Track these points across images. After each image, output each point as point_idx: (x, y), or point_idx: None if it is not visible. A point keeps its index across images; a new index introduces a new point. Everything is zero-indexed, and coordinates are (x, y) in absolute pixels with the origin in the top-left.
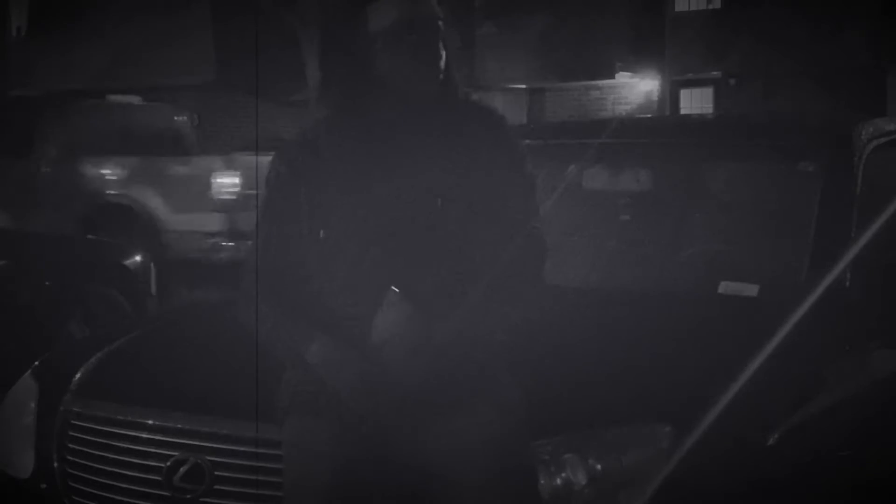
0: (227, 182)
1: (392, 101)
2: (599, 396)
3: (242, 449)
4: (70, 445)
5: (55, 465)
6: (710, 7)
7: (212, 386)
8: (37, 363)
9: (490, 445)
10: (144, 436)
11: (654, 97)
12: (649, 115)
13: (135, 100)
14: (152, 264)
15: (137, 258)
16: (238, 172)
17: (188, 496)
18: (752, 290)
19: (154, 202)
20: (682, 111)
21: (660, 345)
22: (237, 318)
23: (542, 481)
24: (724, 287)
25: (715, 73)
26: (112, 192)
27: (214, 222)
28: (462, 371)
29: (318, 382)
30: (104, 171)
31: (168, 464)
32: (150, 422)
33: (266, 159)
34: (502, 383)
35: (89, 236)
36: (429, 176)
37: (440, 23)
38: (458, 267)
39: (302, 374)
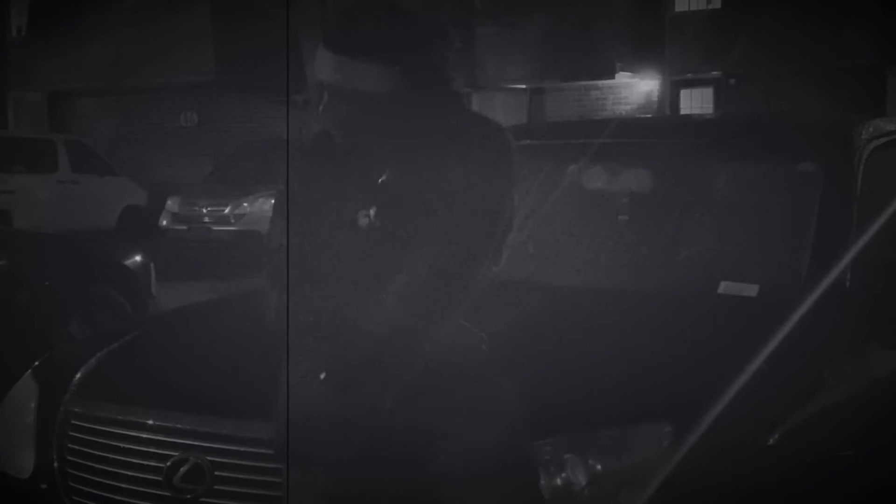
0: None
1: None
2: (599, 396)
3: (242, 449)
4: (70, 445)
5: (55, 465)
6: (710, 7)
7: (211, 386)
8: (37, 363)
9: (488, 445)
10: (144, 436)
11: (654, 97)
12: (649, 115)
13: None
14: (152, 264)
15: (137, 258)
16: None
17: (188, 496)
18: (752, 290)
19: None
20: (682, 111)
21: (659, 345)
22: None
23: (543, 481)
24: (725, 287)
25: (715, 73)
26: None
27: None
28: (456, 371)
29: (315, 378)
30: None
31: (168, 464)
32: (150, 422)
33: None
34: (498, 383)
35: (90, 236)
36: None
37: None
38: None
39: (298, 374)
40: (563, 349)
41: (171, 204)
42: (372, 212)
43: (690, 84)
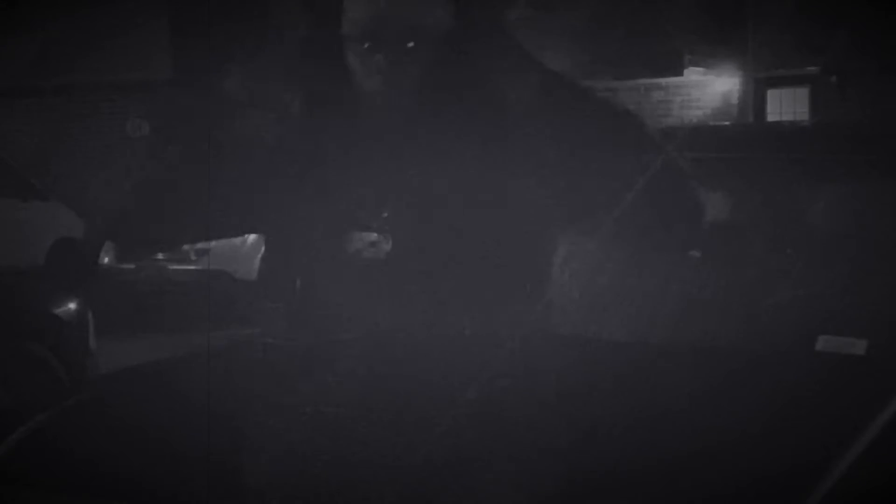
0: None
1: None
2: (665, 482)
3: None
4: None
5: None
6: None
7: (163, 472)
8: None
9: None
10: None
11: (734, 99)
12: (727, 123)
13: None
14: (90, 313)
15: (71, 306)
16: None
17: None
18: (859, 346)
19: None
20: (770, 117)
21: (740, 417)
22: None
23: None
24: (824, 343)
25: (812, 68)
26: None
27: None
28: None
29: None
30: None
31: None
32: None
33: None
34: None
35: (9, 278)
36: None
37: (412, 44)
38: None
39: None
40: (616, 420)
41: None
42: None
43: (780, 83)
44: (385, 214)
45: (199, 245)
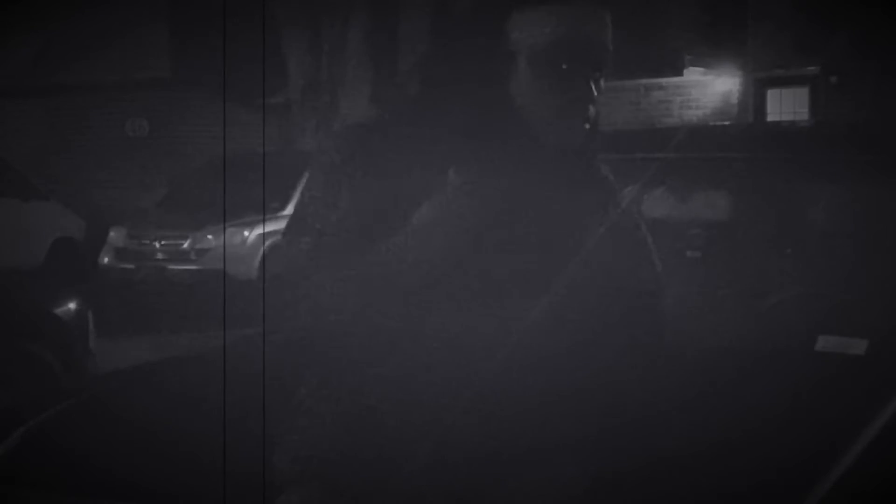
0: None
1: (515, 140)
2: (665, 482)
3: None
4: None
5: None
6: None
7: (166, 473)
8: None
9: None
10: None
11: (734, 99)
12: (727, 123)
13: None
14: (90, 313)
15: (71, 305)
16: None
17: None
18: (859, 346)
19: None
20: (770, 117)
21: (740, 417)
22: None
23: None
24: (824, 343)
25: (811, 68)
26: None
27: None
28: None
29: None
30: None
31: None
32: None
33: None
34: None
35: (9, 277)
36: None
37: (606, 55)
38: None
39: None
40: (618, 420)
41: (115, 236)
42: None
43: (780, 83)
44: None
45: (199, 245)
